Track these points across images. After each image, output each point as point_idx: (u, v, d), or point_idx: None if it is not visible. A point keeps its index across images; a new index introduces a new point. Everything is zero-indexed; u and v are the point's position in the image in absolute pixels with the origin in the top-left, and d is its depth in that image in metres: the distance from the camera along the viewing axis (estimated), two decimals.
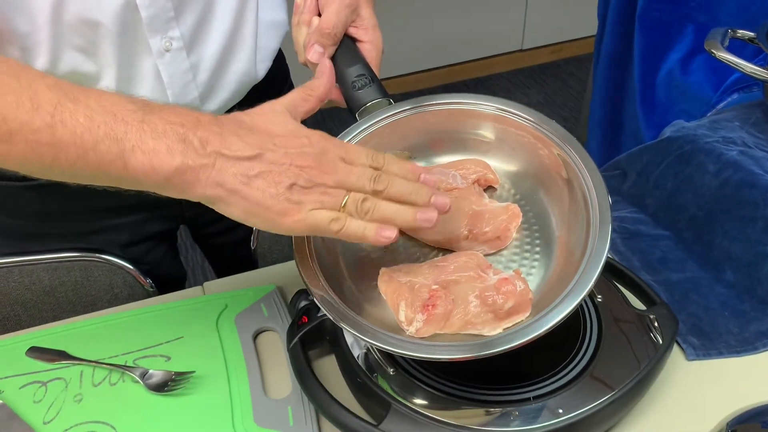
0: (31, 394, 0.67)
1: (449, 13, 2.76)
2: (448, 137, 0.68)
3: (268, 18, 0.82)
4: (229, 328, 0.73)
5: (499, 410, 0.58)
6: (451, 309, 0.55)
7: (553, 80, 2.96)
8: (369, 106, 0.66)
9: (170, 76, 0.74)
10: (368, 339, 0.53)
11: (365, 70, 0.66)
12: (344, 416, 0.58)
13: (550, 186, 0.64)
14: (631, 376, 0.60)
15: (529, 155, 0.65)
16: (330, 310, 0.55)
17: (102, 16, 0.66)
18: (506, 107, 0.65)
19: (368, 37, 0.68)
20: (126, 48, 0.70)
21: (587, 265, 0.54)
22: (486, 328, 0.55)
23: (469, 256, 0.59)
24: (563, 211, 0.62)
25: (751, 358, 0.70)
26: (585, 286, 0.53)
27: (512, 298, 0.54)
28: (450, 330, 0.56)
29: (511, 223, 0.62)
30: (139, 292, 0.91)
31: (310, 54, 0.66)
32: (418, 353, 0.52)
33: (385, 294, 0.59)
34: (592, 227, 0.56)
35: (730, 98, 1.10)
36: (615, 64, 1.46)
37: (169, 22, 0.71)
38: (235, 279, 0.83)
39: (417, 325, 0.55)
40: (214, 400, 0.66)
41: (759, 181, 0.78)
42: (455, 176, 0.64)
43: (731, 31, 0.93)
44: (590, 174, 0.59)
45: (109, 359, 0.70)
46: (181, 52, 0.74)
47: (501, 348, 0.52)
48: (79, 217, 0.86)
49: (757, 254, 0.76)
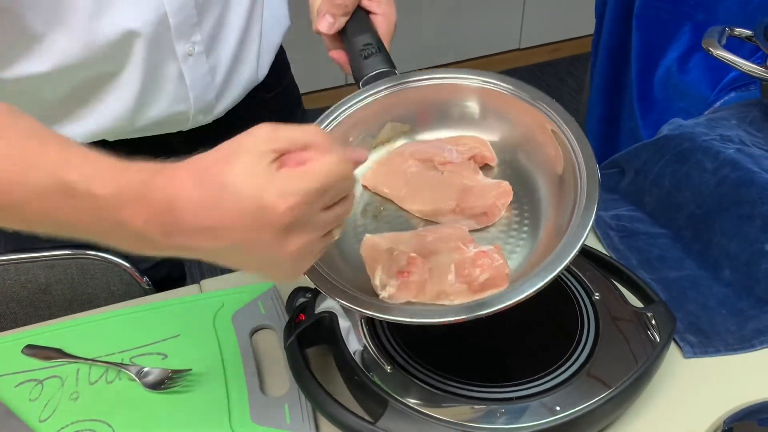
0: (27, 392, 0.67)
1: (446, 12, 2.76)
2: (452, 111, 0.68)
3: (270, 14, 0.83)
4: (226, 326, 0.73)
5: (496, 408, 0.58)
6: (426, 278, 0.56)
7: (550, 79, 2.96)
8: (373, 74, 0.65)
9: (192, 79, 0.76)
10: (353, 306, 0.53)
11: (373, 40, 0.66)
12: (341, 414, 0.57)
13: (547, 170, 0.63)
14: (629, 374, 0.60)
15: (532, 137, 0.64)
16: (318, 281, 0.54)
17: (137, 25, 0.68)
18: (503, 83, 0.65)
19: (381, 9, 0.68)
20: (153, 54, 0.71)
21: (568, 238, 0.54)
22: (459, 299, 0.55)
23: (453, 229, 0.60)
24: (553, 190, 0.62)
25: (748, 356, 0.70)
26: (564, 259, 0.52)
27: (488, 271, 0.54)
28: (424, 299, 0.56)
29: (500, 200, 0.61)
30: (135, 289, 0.91)
31: (321, 24, 0.66)
32: (383, 315, 0.53)
33: (365, 259, 0.59)
34: (578, 206, 0.56)
35: (727, 96, 1.10)
36: (612, 62, 1.46)
37: (193, 27, 0.73)
38: (232, 277, 0.82)
39: (390, 290, 0.55)
40: (211, 398, 0.66)
41: (756, 179, 0.78)
42: (451, 150, 0.64)
43: (729, 29, 0.93)
44: (586, 161, 0.59)
45: (106, 357, 0.70)
46: (202, 56, 0.75)
47: (466, 315, 0.52)
48: None
49: (755, 252, 0.76)
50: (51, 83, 0.71)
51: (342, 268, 0.59)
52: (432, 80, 0.67)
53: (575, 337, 0.63)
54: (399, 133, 0.68)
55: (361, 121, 0.66)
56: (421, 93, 0.66)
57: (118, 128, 0.77)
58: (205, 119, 0.81)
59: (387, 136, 0.67)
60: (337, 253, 0.60)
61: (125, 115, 0.75)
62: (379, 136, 0.67)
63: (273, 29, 0.85)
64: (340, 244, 0.60)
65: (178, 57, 0.73)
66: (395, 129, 0.67)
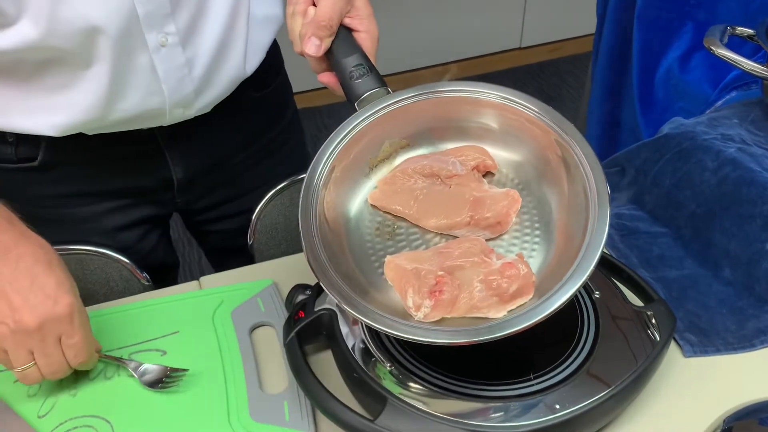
0: (25, 388, 0.67)
1: (447, 11, 2.75)
2: (448, 125, 0.68)
3: (262, 12, 0.82)
4: (225, 323, 0.73)
5: (495, 405, 0.58)
6: (457, 294, 0.57)
7: (551, 78, 2.96)
8: (368, 95, 0.66)
9: (165, 71, 0.74)
10: (379, 326, 0.53)
11: (362, 60, 0.66)
12: (341, 411, 0.57)
13: (548, 171, 0.64)
14: (629, 373, 0.59)
15: (528, 142, 0.65)
16: (340, 298, 0.55)
17: (99, 13, 0.66)
18: (506, 95, 0.65)
19: (363, 26, 0.68)
20: (121, 44, 0.70)
21: (587, 248, 0.55)
22: (491, 311, 0.56)
23: (471, 242, 0.60)
24: (562, 194, 0.62)
25: (748, 355, 0.70)
26: (586, 270, 0.53)
27: (516, 281, 0.55)
28: (456, 314, 0.57)
29: (511, 208, 0.62)
30: (134, 285, 0.91)
31: (308, 47, 0.66)
32: (428, 338, 0.53)
33: (392, 281, 0.60)
34: (591, 211, 0.57)
35: (728, 96, 1.10)
36: (614, 61, 1.46)
37: (165, 17, 0.71)
38: (232, 274, 0.82)
39: (425, 310, 0.56)
40: (209, 395, 0.65)
41: (757, 178, 0.78)
42: (455, 163, 0.65)
43: (730, 28, 0.93)
44: (588, 160, 0.60)
45: (105, 353, 0.70)
46: (176, 47, 0.74)
47: (507, 331, 0.52)
48: (70, 201, 0.86)
49: (756, 252, 0.76)
50: (11, 63, 0.70)
51: (368, 290, 0.60)
52: (427, 96, 0.67)
53: (575, 336, 0.63)
54: (397, 149, 0.69)
55: (362, 143, 0.66)
56: (418, 109, 0.67)
57: (91, 121, 0.75)
58: (185, 113, 0.80)
59: (386, 154, 0.68)
60: (362, 278, 0.61)
61: (97, 106, 0.74)
62: (379, 155, 0.68)
63: (264, 27, 0.84)
64: (362, 268, 0.62)
65: (149, 47, 0.72)
66: (393, 145, 0.68)
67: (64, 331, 0.62)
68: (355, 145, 0.66)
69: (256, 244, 0.99)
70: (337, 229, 0.62)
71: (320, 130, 2.54)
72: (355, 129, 0.65)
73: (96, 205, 0.87)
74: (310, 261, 0.57)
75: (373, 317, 0.54)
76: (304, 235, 0.59)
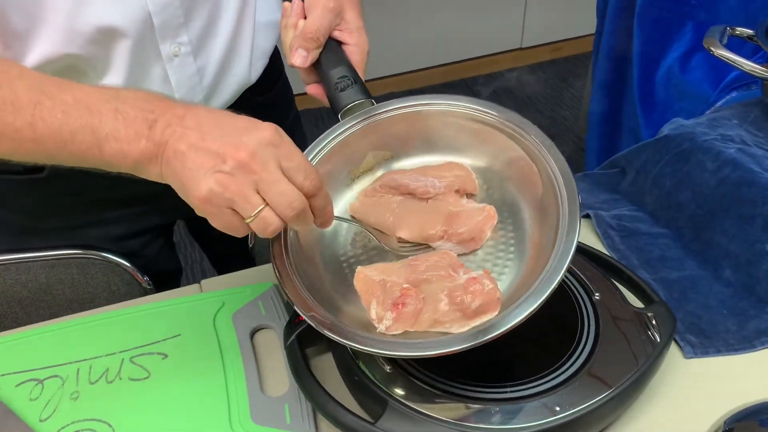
0: (27, 391, 0.67)
1: (448, 11, 2.76)
2: (431, 137, 0.69)
3: (264, 19, 0.83)
4: (226, 326, 0.73)
5: (496, 408, 0.57)
6: (421, 307, 0.57)
7: (552, 78, 2.96)
8: (352, 106, 0.67)
9: (178, 80, 0.76)
10: (348, 342, 0.54)
11: (348, 72, 0.67)
12: (341, 414, 0.57)
13: (526, 186, 0.64)
14: (629, 374, 0.59)
15: (507, 155, 0.66)
16: (311, 318, 0.56)
17: (119, 24, 0.67)
18: (487, 109, 0.66)
19: (353, 39, 0.70)
20: (137, 54, 0.71)
21: (555, 262, 0.55)
22: (454, 326, 0.56)
23: (441, 256, 0.61)
24: (535, 208, 0.63)
25: (749, 356, 0.70)
26: (550, 284, 0.53)
27: (479, 297, 0.55)
28: (419, 328, 0.57)
29: (486, 224, 0.63)
30: (136, 289, 0.91)
31: (294, 58, 0.68)
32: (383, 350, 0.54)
33: (359, 292, 0.60)
34: (561, 221, 0.57)
35: (728, 96, 1.10)
36: (614, 62, 1.46)
37: (178, 28, 0.72)
38: (233, 277, 0.83)
39: (387, 323, 0.57)
40: (211, 398, 0.66)
41: (758, 179, 0.78)
42: (433, 182, 0.65)
43: (730, 28, 0.93)
44: (562, 175, 0.60)
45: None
46: (188, 57, 0.75)
47: (462, 346, 0.53)
48: (78, 209, 0.86)
49: (756, 252, 0.76)
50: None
51: (338, 302, 0.61)
52: (409, 108, 0.68)
53: (575, 337, 0.63)
54: (380, 160, 0.70)
55: (344, 153, 0.67)
56: (401, 121, 0.68)
57: None
58: None
59: (369, 165, 0.70)
60: (331, 288, 0.62)
61: None
62: (362, 166, 0.69)
63: (267, 33, 0.84)
64: (332, 278, 0.62)
65: (162, 57, 0.73)
66: (377, 157, 0.69)
67: (281, 155, 0.54)
68: (336, 155, 0.67)
69: (257, 248, 0.99)
70: (310, 239, 0.63)
71: (321, 131, 2.55)
72: (336, 139, 0.66)
73: (102, 214, 0.87)
74: (277, 269, 0.59)
75: (345, 336, 0.54)
76: (273, 241, 0.60)
